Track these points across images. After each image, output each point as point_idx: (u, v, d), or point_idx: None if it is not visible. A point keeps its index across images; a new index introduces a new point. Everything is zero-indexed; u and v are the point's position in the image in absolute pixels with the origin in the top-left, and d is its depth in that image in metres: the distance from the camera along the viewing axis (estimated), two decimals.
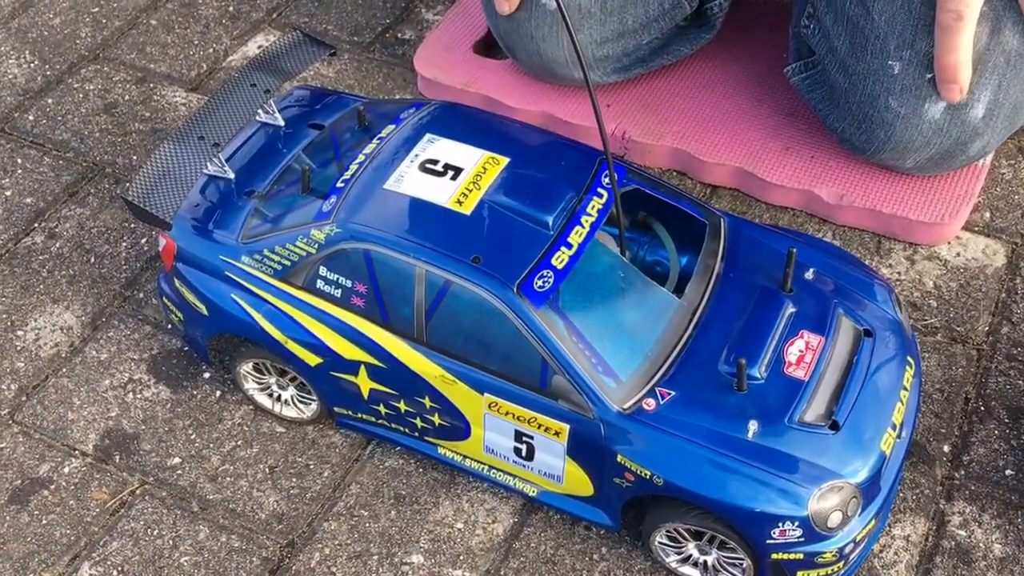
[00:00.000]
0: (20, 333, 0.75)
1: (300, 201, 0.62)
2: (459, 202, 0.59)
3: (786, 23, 0.83)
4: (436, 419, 0.62)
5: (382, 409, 0.64)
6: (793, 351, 0.58)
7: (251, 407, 0.70)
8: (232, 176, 0.64)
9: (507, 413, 0.59)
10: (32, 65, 0.94)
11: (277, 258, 0.61)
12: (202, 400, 0.71)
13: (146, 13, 0.99)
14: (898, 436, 0.58)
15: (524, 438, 0.59)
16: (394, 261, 0.58)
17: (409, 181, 0.60)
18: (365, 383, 0.62)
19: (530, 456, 0.60)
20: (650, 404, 0.56)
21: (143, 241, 0.81)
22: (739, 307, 0.60)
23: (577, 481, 0.60)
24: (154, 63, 0.94)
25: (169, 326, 0.71)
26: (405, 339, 0.59)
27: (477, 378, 0.58)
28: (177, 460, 0.68)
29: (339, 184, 0.61)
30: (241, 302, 0.63)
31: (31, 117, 0.90)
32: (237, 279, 0.62)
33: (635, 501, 0.59)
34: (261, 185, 0.64)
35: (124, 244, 0.81)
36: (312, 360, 0.62)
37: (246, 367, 0.67)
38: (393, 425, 0.64)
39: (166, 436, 0.69)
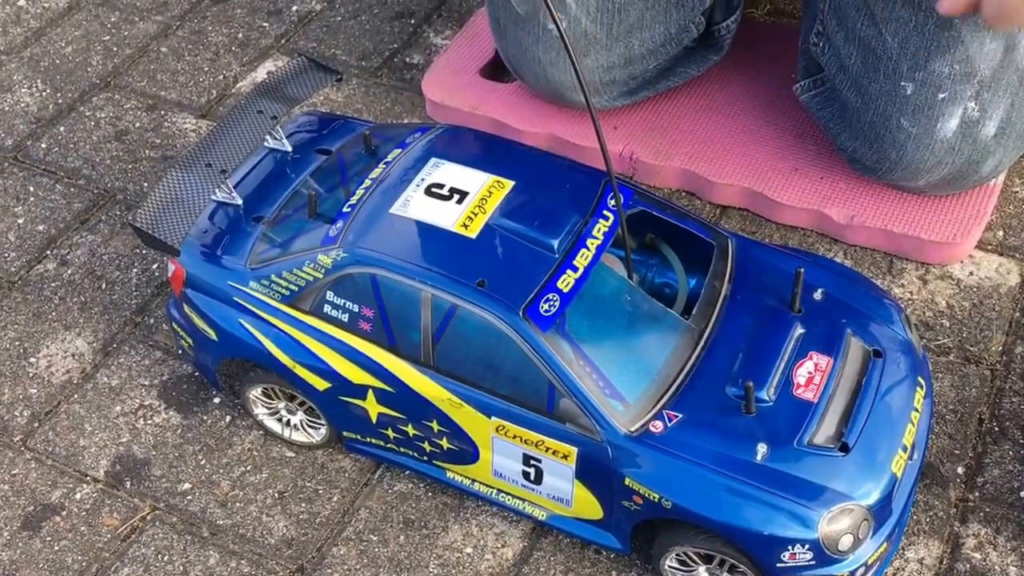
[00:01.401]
0: (33, 360, 0.78)
1: (307, 226, 0.64)
2: (464, 226, 0.61)
3: (794, 44, 0.85)
4: (444, 443, 0.64)
5: (390, 433, 0.65)
6: (802, 373, 0.59)
7: (261, 432, 0.72)
8: (240, 202, 0.67)
9: (515, 436, 0.60)
10: (44, 93, 0.98)
11: (284, 283, 0.63)
12: (212, 425, 0.73)
13: (156, 41, 1.03)
14: (909, 458, 0.59)
15: (532, 461, 0.61)
16: (400, 285, 0.60)
17: (415, 205, 0.62)
18: (373, 407, 0.64)
19: (538, 480, 0.62)
20: (657, 427, 0.58)
21: (154, 267, 0.84)
22: (747, 329, 0.61)
23: (586, 504, 0.62)
24: (164, 90, 0.98)
25: (179, 351, 0.73)
26: (412, 363, 0.61)
27: (484, 401, 0.60)
28: (187, 485, 0.70)
29: (345, 209, 0.63)
30: (249, 327, 0.65)
31: (43, 145, 0.94)
32: (245, 304, 0.65)
33: (645, 524, 0.61)
34: (269, 211, 0.66)
35: (135, 270, 0.84)
36: (320, 385, 0.64)
37: (255, 392, 0.69)
38: (402, 449, 0.66)
39: (176, 462, 0.71)
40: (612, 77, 0.84)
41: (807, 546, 0.56)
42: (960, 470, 0.68)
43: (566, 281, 0.59)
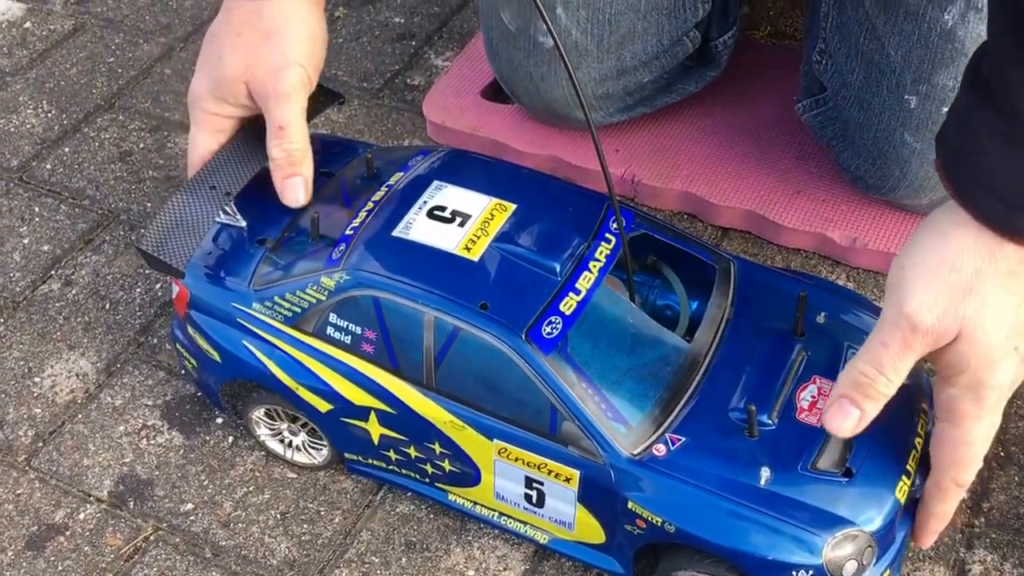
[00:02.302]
0: (37, 379, 0.80)
1: (310, 248, 0.66)
2: (467, 248, 0.63)
3: (794, 64, 0.88)
4: (446, 465, 0.65)
5: (392, 455, 0.67)
6: (805, 396, 0.61)
7: (263, 453, 0.74)
8: (243, 224, 0.69)
9: (517, 459, 0.62)
10: (49, 115, 1.02)
11: (288, 305, 0.65)
12: (215, 446, 0.76)
13: (160, 63, 1.07)
14: (912, 484, 0.60)
15: (534, 484, 0.63)
16: (403, 308, 0.62)
17: (417, 228, 0.64)
18: (375, 429, 0.66)
19: (540, 503, 0.63)
20: (661, 450, 0.59)
21: (157, 287, 0.86)
22: (749, 352, 0.63)
23: (588, 528, 0.63)
24: (168, 111, 1.01)
25: (183, 372, 0.76)
26: (415, 385, 0.63)
27: (486, 424, 0.62)
28: (190, 506, 0.72)
29: (348, 231, 0.65)
30: (253, 348, 0.67)
31: (48, 166, 0.97)
32: (249, 326, 0.66)
33: (647, 549, 0.62)
34: (272, 233, 0.68)
35: (138, 290, 0.86)
36: (323, 406, 0.66)
37: (258, 413, 0.71)
38: (403, 471, 0.68)
39: (179, 482, 0.73)
40: (605, 90, 0.85)
41: (811, 572, 0.57)
42: (965, 496, 0.70)
43: (568, 304, 0.61)
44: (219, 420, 0.77)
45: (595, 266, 0.63)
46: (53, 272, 0.88)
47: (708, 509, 0.58)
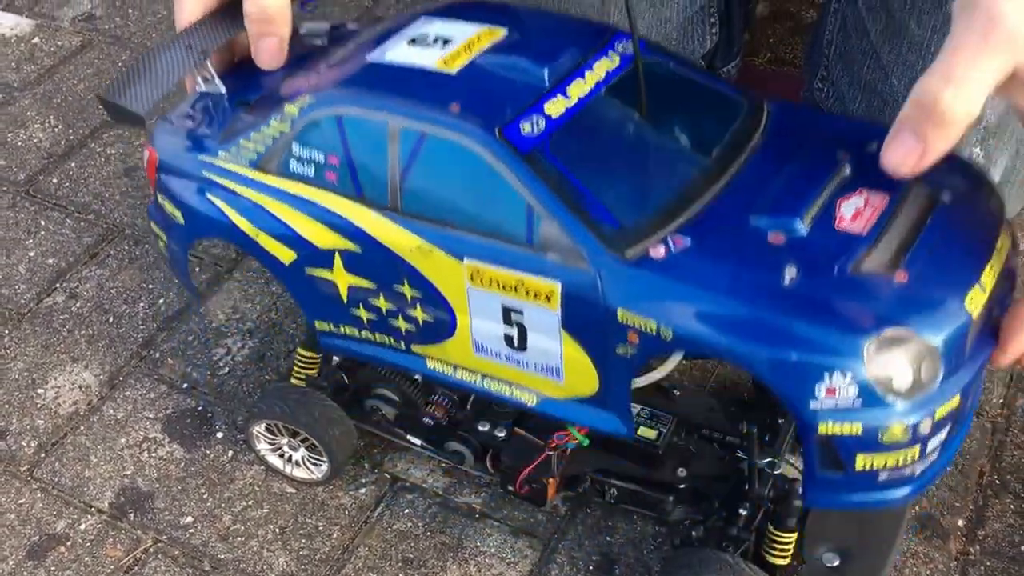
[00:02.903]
0: (40, 391, 0.83)
1: (282, 94, 0.61)
2: (445, 63, 0.57)
3: (794, 91, 0.91)
4: (419, 314, 0.59)
5: (363, 314, 0.61)
6: (848, 207, 0.50)
7: (262, 467, 0.76)
8: (223, 90, 0.65)
9: (491, 281, 0.54)
10: (56, 129, 1.05)
11: (252, 145, 0.60)
12: (215, 460, 0.78)
13: None
14: (989, 300, 0.47)
15: (513, 316, 0.55)
16: (366, 122, 0.56)
17: (394, 52, 0.59)
18: (342, 278, 0.60)
19: (523, 343, 0.55)
20: (659, 251, 0.50)
21: (160, 301, 0.89)
22: (783, 165, 0.53)
23: (578, 370, 0.55)
24: None
25: (157, 254, 0.71)
26: (380, 211, 0.57)
27: (455, 240, 0.55)
28: (190, 519, 0.74)
29: (322, 68, 0.61)
30: (215, 200, 0.62)
31: (55, 180, 1.00)
32: (213, 177, 0.62)
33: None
34: (253, 96, 0.64)
35: (141, 304, 0.89)
36: (286, 256, 0.61)
37: (258, 428, 0.73)
38: (377, 336, 0.62)
39: (179, 495, 0.75)
40: None
41: (848, 375, 0.44)
42: (961, 523, 0.71)
43: (555, 106, 0.54)
44: (219, 435, 0.79)
45: (591, 76, 0.55)
46: (58, 285, 0.90)
47: (714, 307, 0.48)
